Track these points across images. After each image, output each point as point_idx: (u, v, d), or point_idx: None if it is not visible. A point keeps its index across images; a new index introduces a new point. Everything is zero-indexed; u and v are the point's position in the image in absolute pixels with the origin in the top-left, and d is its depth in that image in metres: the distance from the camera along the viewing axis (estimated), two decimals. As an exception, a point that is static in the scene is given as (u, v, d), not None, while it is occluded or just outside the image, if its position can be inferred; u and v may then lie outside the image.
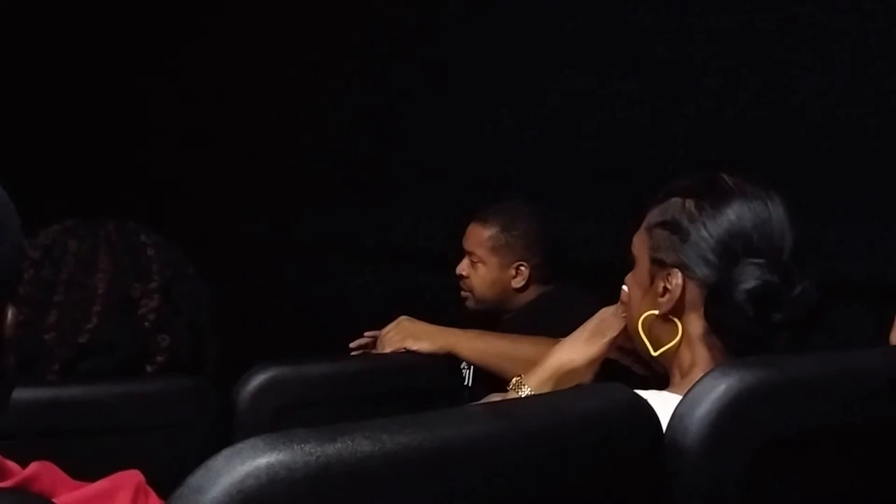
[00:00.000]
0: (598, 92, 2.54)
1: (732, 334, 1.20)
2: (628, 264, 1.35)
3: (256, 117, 3.69)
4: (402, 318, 1.93)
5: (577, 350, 1.47)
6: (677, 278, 1.23)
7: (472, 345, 1.91)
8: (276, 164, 3.62)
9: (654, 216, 1.28)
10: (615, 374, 1.47)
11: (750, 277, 1.16)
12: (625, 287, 1.35)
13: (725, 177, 1.26)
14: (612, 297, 1.43)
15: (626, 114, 2.47)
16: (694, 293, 1.23)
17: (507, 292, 2.28)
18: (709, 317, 1.21)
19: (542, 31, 2.70)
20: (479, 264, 2.27)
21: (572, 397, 1.00)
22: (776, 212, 1.22)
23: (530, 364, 1.52)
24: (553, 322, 1.93)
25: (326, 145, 3.42)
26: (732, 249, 1.20)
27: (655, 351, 1.27)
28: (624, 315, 1.39)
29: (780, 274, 1.16)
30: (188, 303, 1.34)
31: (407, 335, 1.88)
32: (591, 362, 1.46)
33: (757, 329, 1.17)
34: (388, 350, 1.89)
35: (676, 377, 1.26)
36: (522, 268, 2.26)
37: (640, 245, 1.30)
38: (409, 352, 1.86)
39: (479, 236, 2.28)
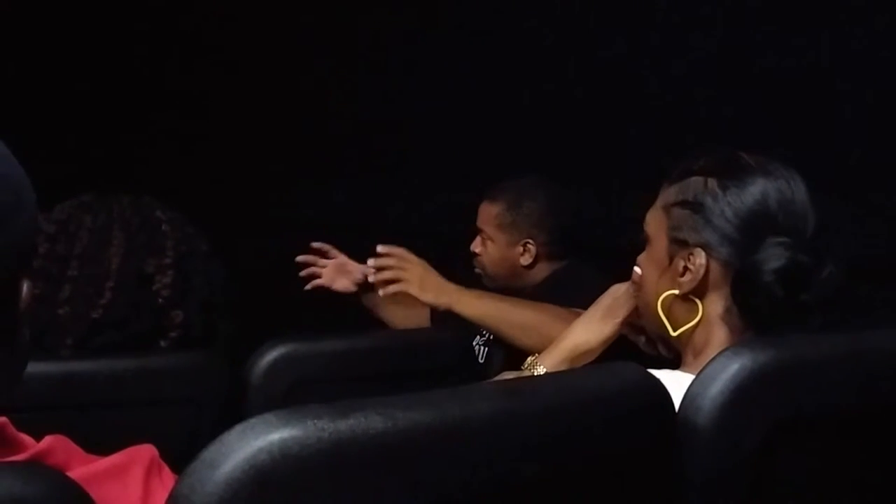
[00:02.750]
0: (620, 71, 2.53)
1: (760, 315, 1.18)
2: (641, 243, 1.34)
3: (273, 96, 3.68)
4: (422, 261, 1.93)
5: (591, 330, 1.46)
6: (700, 258, 1.21)
7: (473, 303, 1.92)
8: (295, 143, 3.62)
9: (671, 195, 1.26)
10: (627, 353, 1.47)
11: (778, 257, 1.14)
12: (637, 269, 1.33)
13: (745, 155, 1.24)
14: (627, 277, 1.43)
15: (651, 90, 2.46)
16: (716, 273, 1.21)
17: (516, 269, 2.27)
18: (736, 297, 1.19)
19: (562, 8, 2.68)
20: (489, 242, 2.27)
21: (585, 376, 1.00)
22: (798, 190, 1.19)
23: (526, 330, 1.51)
24: (563, 300, 1.93)
25: (342, 127, 3.41)
26: (757, 229, 1.17)
27: (675, 331, 1.25)
28: (636, 295, 1.37)
29: (808, 253, 1.15)
30: (202, 279, 1.34)
31: (416, 280, 1.88)
32: (604, 342, 1.46)
33: (785, 310, 1.15)
34: (387, 276, 1.88)
35: (689, 357, 1.25)
36: (530, 245, 2.24)
37: (656, 224, 1.28)
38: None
39: (488, 214, 2.28)
